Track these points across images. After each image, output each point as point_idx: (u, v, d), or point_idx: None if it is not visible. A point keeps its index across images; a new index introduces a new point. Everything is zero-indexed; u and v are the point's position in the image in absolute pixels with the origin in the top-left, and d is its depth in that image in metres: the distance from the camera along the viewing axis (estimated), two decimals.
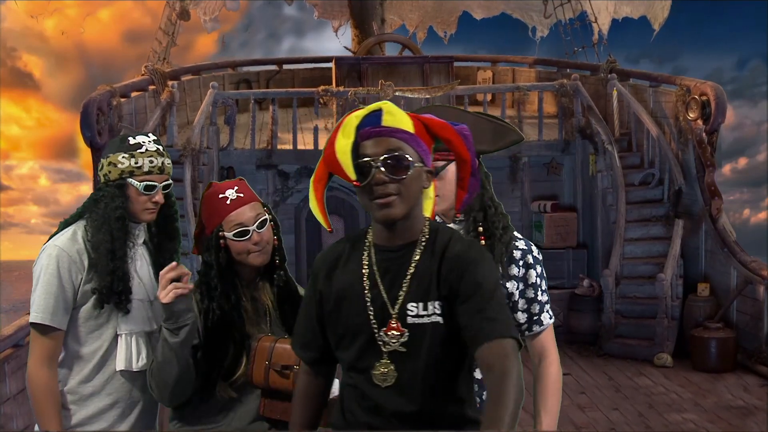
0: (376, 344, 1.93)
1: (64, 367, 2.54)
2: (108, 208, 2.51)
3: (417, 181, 1.92)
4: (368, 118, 1.95)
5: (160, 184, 2.56)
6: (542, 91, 10.90)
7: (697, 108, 9.22)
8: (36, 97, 30.72)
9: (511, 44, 27.81)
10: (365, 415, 1.97)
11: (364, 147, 1.92)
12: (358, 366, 1.96)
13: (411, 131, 1.93)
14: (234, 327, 2.41)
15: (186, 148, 9.11)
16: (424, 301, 1.91)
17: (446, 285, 1.90)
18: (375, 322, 1.93)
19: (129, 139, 2.55)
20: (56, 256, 2.49)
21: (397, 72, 11.37)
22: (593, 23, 13.28)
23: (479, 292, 1.87)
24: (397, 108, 1.97)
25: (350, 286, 1.97)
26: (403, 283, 1.93)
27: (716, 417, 6.52)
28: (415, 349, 1.91)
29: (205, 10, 14.31)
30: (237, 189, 2.45)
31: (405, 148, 1.90)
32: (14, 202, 38.05)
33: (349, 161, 1.93)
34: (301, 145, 10.40)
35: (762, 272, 8.04)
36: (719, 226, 8.86)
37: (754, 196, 24.34)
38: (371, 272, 1.96)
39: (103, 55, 24.20)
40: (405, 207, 1.90)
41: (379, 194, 1.89)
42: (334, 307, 2.00)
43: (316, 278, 2.05)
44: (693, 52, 26.09)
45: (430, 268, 1.92)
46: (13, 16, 17.90)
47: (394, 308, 1.92)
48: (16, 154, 39.00)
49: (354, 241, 2.04)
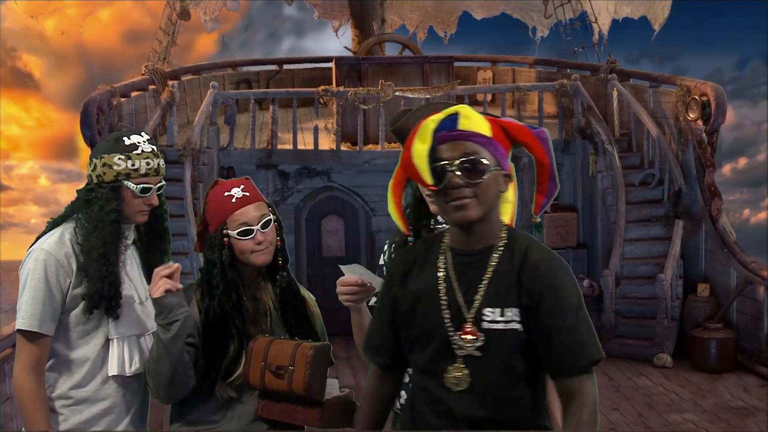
0: (451, 348, 1.91)
1: (54, 372, 2.47)
2: (103, 211, 2.44)
3: (493, 184, 1.92)
4: (445, 122, 1.94)
5: (155, 186, 2.50)
6: (542, 91, 10.90)
7: (697, 108, 9.22)
8: (36, 97, 30.83)
9: (511, 44, 27.84)
10: (435, 420, 1.95)
11: (440, 151, 1.92)
12: (431, 369, 1.95)
13: (488, 135, 1.93)
14: (234, 326, 2.40)
15: (186, 147, 9.10)
16: (501, 307, 1.90)
17: (527, 294, 1.89)
18: (450, 325, 1.92)
19: (124, 140, 2.47)
20: (44, 260, 2.41)
21: (397, 72, 11.35)
22: (593, 23, 13.27)
23: (563, 314, 1.88)
24: (475, 111, 1.97)
25: (426, 289, 1.96)
26: (479, 287, 1.91)
27: (716, 417, 6.52)
28: (491, 355, 1.89)
29: (205, 10, 14.31)
30: (243, 188, 2.44)
31: (481, 152, 1.90)
32: (14, 202, 38.22)
33: (426, 165, 1.92)
34: (301, 145, 10.39)
35: (762, 273, 8.04)
36: (719, 227, 8.86)
37: (754, 196, 24.44)
38: (447, 275, 1.95)
39: (103, 55, 24.25)
40: (480, 210, 1.90)
41: (455, 197, 1.89)
42: (408, 310, 1.99)
43: (392, 281, 2.05)
44: (693, 52, 26.16)
45: (509, 274, 1.91)
46: (13, 16, 17.90)
47: (470, 312, 1.91)
48: (16, 154, 39.15)
49: (430, 245, 2.04)
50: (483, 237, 1.95)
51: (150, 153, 2.49)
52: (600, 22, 13.32)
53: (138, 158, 2.46)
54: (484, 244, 1.95)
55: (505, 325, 1.89)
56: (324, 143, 10.36)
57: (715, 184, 9.01)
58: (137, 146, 2.47)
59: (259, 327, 2.44)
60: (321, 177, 10.32)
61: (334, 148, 10.23)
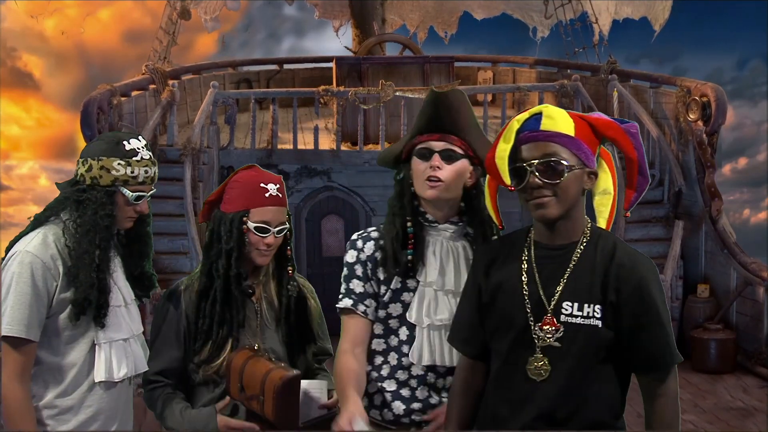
0: (531, 338, 1.97)
1: (38, 381, 2.36)
2: (97, 215, 2.35)
3: (574, 183, 1.95)
4: (528, 122, 1.98)
5: (148, 194, 2.44)
6: (543, 92, 10.91)
7: (697, 109, 9.21)
8: (36, 97, 30.69)
9: (511, 45, 27.77)
10: (508, 409, 2.02)
11: (521, 151, 1.96)
12: (510, 359, 2.01)
13: (570, 134, 1.95)
14: (227, 310, 2.41)
15: (186, 147, 9.10)
16: (581, 302, 1.95)
17: (614, 292, 1.93)
18: (531, 316, 1.98)
19: (124, 144, 2.40)
20: (29, 263, 2.30)
21: (397, 72, 11.35)
22: (594, 24, 13.27)
23: (652, 313, 1.95)
24: (559, 111, 2.00)
25: (508, 280, 2.03)
26: (561, 280, 1.97)
27: (715, 418, 6.51)
28: (569, 347, 1.94)
29: (205, 10, 14.31)
30: (278, 187, 2.43)
31: (561, 152, 1.93)
32: (14, 202, 37.60)
33: (505, 166, 1.97)
34: (302, 144, 10.39)
35: (762, 273, 8.04)
36: (719, 227, 8.86)
37: (754, 196, 24.38)
38: (530, 268, 2.01)
39: (103, 55, 24.21)
40: (561, 208, 1.95)
41: (535, 196, 1.94)
42: (490, 299, 2.05)
43: (476, 272, 2.12)
44: (693, 52, 26.10)
45: (591, 270, 1.96)
46: (13, 16, 17.85)
47: (550, 304, 1.96)
48: (16, 154, 38.66)
49: (515, 238, 2.10)
50: (566, 233, 2.00)
51: (148, 161, 2.42)
52: (600, 23, 13.33)
53: (137, 165, 2.39)
54: (567, 240, 2.00)
55: (584, 320, 1.94)
56: (324, 143, 10.36)
57: (716, 185, 9.00)
58: (137, 152, 2.40)
59: (248, 317, 2.44)
60: (321, 177, 10.32)
61: (335, 148, 10.23)
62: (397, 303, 2.28)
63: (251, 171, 2.46)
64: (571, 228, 2.00)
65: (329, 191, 10.47)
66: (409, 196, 2.28)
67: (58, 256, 2.34)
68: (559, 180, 1.92)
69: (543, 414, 1.96)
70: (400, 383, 2.28)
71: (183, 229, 8.23)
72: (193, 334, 2.41)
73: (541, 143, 1.94)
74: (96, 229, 2.35)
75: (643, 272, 1.95)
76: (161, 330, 2.46)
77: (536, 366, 1.96)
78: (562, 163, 1.93)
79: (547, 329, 1.95)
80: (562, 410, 1.96)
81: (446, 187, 2.21)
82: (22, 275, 2.30)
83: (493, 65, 14.67)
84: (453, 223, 2.29)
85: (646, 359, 1.97)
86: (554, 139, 1.94)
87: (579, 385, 1.95)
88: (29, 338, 2.30)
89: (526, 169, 1.94)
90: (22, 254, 2.32)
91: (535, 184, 1.93)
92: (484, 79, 14.29)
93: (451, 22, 16.52)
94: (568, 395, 1.95)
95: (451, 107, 2.21)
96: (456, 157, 2.22)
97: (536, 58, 14.19)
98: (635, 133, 2.04)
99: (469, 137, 2.24)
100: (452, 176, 2.21)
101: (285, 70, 14.53)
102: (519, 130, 1.98)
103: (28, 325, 2.29)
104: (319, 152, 10.21)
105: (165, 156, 9.37)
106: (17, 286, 2.29)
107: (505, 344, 2.02)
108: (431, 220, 2.28)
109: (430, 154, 2.22)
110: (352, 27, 14.78)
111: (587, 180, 1.99)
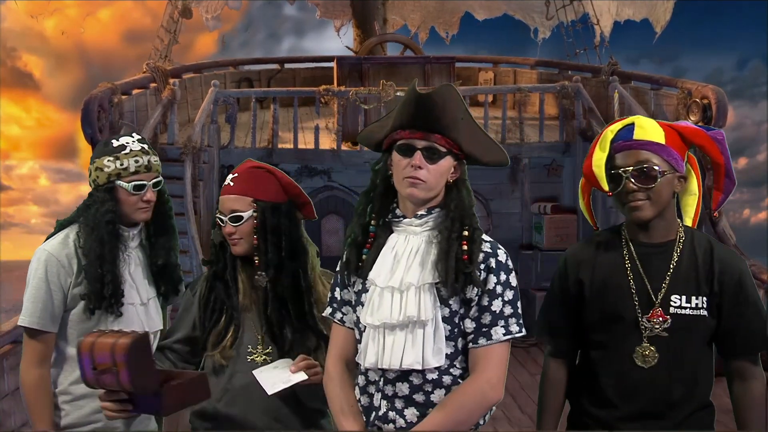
0: (639, 329, 2.17)
1: (56, 368, 2.56)
2: (98, 213, 2.51)
3: (666, 187, 2.18)
4: (621, 132, 2.22)
5: (149, 182, 2.55)
6: (543, 93, 10.88)
7: (698, 111, 9.21)
8: (36, 97, 30.59)
9: (512, 45, 27.82)
10: (622, 397, 2.19)
11: (617, 159, 2.19)
12: (616, 349, 2.20)
13: (661, 142, 2.17)
14: (226, 299, 2.48)
15: (186, 146, 9.10)
16: (688, 295, 2.16)
17: (718, 284, 2.16)
18: (639, 309, 2.17)
19: (112, 142, 2.56)
20: (45, 260, 2.51)
21: (398, 72, 11.34)
22: (595, 25, 13.26)
23: (750, 302, 2.18)
24: (650, 121, 2.22)
25: (612, 275, 2.22)
26: (666, 275, 2.18)
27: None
28: (677, 336, 2.16)
29: (207, 8, 14.30)
30: (234, 177, 2.49)
31: (654, 159, 2.16)
32: (14, 202, 37.92)
33: (603, 173, 2.18)
34: (302, 144, 10.38)
35: (761, 276, 8.02)
36: (719, 229, 8.85)
37: (754, 196, 24.38)
38: (633, 264, 2.21)
39: (103, 55, 24.18)
40: (654, 210, 2.17)
41: (630, 200, 2.16)
42: (596, 294, 2.23)
43: (577, 268, 2.28)
44: (693, 52, 26.15)
45: (694, 265, 2.18)
46: (13, 16, 17.85)
47: (657, 297, 2.17)
48: (16, 154, 38.86)
49: (609, 237, 2.30)
50: (663, 231, 2.22)
51: (139, 151, 2.54)
52: (602, 24, 13.31)
53: (126, 157, 2.52)
54: (665, 238, 2.22)
55: (692, 311, 2.16)
56: (325, 143, 10.35)
57: None
58: (125, 146, 2.53)
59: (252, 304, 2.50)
60: (321, 176, 10.32)
61: (335, 148, 10.23)
62: (360, 306, 2.16)
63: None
64: (666, 227, 2.22)
65: (329, 191, 10.46)
66: (381, 189, 2.15)
67: (73, 254, 2.52)
68: (652, 185, 2.14)
69: (658, 398, 2.16)
70: (360, 389, 2.17)
71: (183, 227, 8.23)
72: (202, 320, 2.51)
73: (635, 151, 2.16)
74: (99, 226, 2.50)
75: (741, 266, 2.20)
76: (178, 314, 2.60)
77: (644, 354, 2.16)
78: (654, 169, 2.14)
79: (656, 320, 2.16)
80: (676, 393, 2.16)
81: (428, 187, 2.08)
82: (38, 271, 2.51)
83: (494, 66, 14.65)
84: (419, 216, 2.12)
85: (745, 342, 2.18)
86: (647, 147, 2.16)
87: (689, 370, 2.16)
88: (41, 329, 2.50)
89: (621, 176, 2.16)
90: (39, 252, 2.53)
91: (631, 189, 2.15)
92: (485, 79, 14.28)
93: (453, 23, 16.50)
94: (679, 380, 2.15)
95: (434, 107, 2.05)
96: (440, 156, 2.08)
97: (537, 59, 14.17)
98: (721, 139, 2.24)
99: (454, 134, 2.08)
100: (435, 177, 2.08)
101: (286, 70, 14.51)
102: (613, 139, 2.20)
103: (40, 316, 2.49)
104: (320, 152, 10.20)
105: (165, 154, 9.36)
106: (33, 281, 2.51)
107: (610, 335, 2.20)
108: (399, 215, 2.14)
109: (412, 151, 2.07)
110: (354, 27, 14.77)
111: (677, 184, 2.21)
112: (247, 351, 2.46)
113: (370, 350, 2.10)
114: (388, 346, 2.06)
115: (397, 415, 2.09)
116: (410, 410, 2.08)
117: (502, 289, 2.07)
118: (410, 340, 2.04)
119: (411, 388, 2.08)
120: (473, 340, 2.07)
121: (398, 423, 2.09)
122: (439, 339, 2.05)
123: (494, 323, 2.06)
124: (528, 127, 10.57)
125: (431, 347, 2.04)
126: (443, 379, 2.08)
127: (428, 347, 2.03)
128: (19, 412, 4.85)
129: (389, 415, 2.10)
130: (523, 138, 10.32)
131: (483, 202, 10.52)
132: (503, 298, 2.07)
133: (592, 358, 2.27)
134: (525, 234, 10.53)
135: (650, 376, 2.16)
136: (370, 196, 2.18)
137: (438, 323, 2.05)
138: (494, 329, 2.06)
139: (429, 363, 2.04)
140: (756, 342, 2.20)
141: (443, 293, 2.06)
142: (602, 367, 2.23)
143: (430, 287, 2.06)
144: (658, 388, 2.17)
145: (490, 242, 2.12)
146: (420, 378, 2.07)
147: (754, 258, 8.46)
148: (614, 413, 2.20)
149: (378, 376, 2.12)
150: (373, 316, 2.09)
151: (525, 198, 10.51)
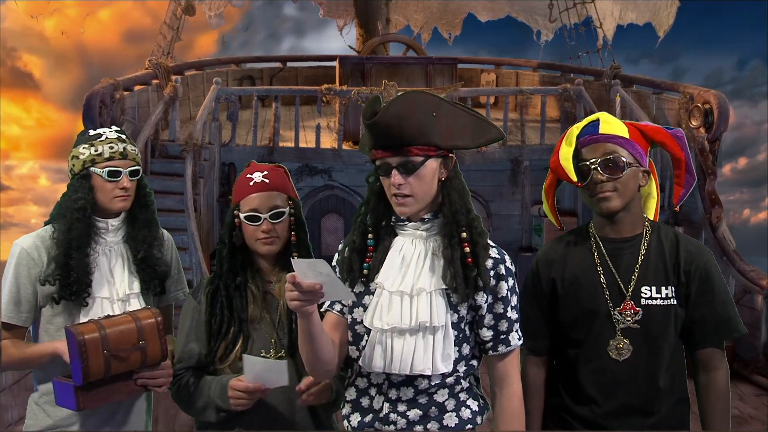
0: (612, 322, 2.21)
1: (38, 368, 2.47)
2: (70, 199, 2.46)
3: (632, 179, 2.22)
4: (587, 127, 2.27)
5: (125, 169, 2.48)
6: (545, 95, 10.89)
7: (699, 116, 9.21)
8: (36, 97, 30.65)
9: (515, 47, 27.82)
10: (598, 390, 2.22)
11: (583, 153, 2.24)
12: (594, 342, 2.23)
13: (626, 137, 2.23)
14: (235, 307, 2.37)
15: (188, 143, 9.09)
16: (658, 285, 2.21)
17: (684, 274, 2.20)
18: (610, 302, 2.22)
19: (89, 132, 2.52)
20: (16, 254, 2.46)
21: (400, 72, 11.34)
22: (598, 28, 13.26)
23: (717, 290, 2.21)
24: (614, 117, 2.28)
25: (584, 272, 2.26)
26: (635, 268, 2.22)
27: None
28: (648, 327, 2.19)
29: (210, 6, 14.31)
30: (265, 174, 2.41)
31: (620, 151, 2.21)
32: (14, 202, 38.05)
33: (571, 165, 2.23)
34: (303, 143, 10.39)
35: (761, 282, 8.04)
36: (719, 235, 8.86)
37: (754, 196, 24.40)
38: (603, 260, 2.26)
39: (103, 55, 24.17)
40: (622, 201, 2.21)
41: (598, 191, 2.20)
42: (569, 291, 2.27)
43: (548, 268, 2.32)
44: (693, 52, 26.17)
45: (662, 257, 2.22)
46: (13, 16, 17.84)
47: (628, 291, 2.21)
48: (16, 154, 39.02)
49: (577, 235, 2.36)
50: (630, 225, 2.26)
51: (114, 139, 2.50)
52: (605, 28, 13.31)
53: (101, 144, 2.49)
54: (632, 232, 2.26)
55: (663, 301, 2.20)
56: (326, 142, 10.36)
57: (716, 192, 9.01)
58: (101, 135, 2.51)
59: (263, 314, 2.39)
60: (322, 175, 10.33)
61: (336, 147, 10.23)
62: (359, 308, 2.13)
63: (246, 167, 2.48)
64: (632, 221, 2.26)
65: (330, 190, 10.47)
66: (374, 202, 2.14)
67: (45, 247, 2.45)
68: (620, 175, 2.18)
69: (636, 391, 2.19)
70: (360, 391, 2.14)
71: (183, 224, 8.22)
72: (208, 332, 2.39)
73: (602, 144, 2.21)
74: (68, 212, 2.45)
75: (707, 257, 2.23)
76: (182, 326, 2.45)
77: (618, 347, 2.19)
78: (622, 159, 2.19)
79: (627, 313, 2.20)
80: (653, 385, 2.19)
81: (416, 200, 2.05)
82: (9, 266, 2.46)
83: (496, 68, 14.66)
84: (424, 221, 2.10)
85: (713, 330, 2.21)
86: (612, 140, 2.21)
87: (664, 361, 2.19)
88: (12, 323, 2.44)
89: (589, 167, 2.20)
90: (13, 246, 2.48)
91: (599, 180, 2.19)
92: (487, 81, 14.29)
93: (455, 24, 16.51)
94: (655, 371, 2.19)
95: (391, 126, 1.97)
96: (417, 166, 2.02)
97: (539, 61, 14.19)
98: (681, 137, 2.30)
99: (425, 138, 2.00)
100: (420, 186, 2.03)
101: (288, 68, 14.52)
102: (579, 135, 2.25)
103: (10, 310, 2.43)
104: (321, 151, 10.21)
105: (166, 151, 9.37)
106: (5, 275, 2.46)
107: (588, 330, 2.23)
108: (403, 219, 2.12)
109: (389, 169, 2.03)
110: (356, 26, 14.77)
111: (642, 177, 2.25)
112: (260, 355, 2.36)
113: (376, 354, 2.06)
114: (397, 351, 2.04)
115: (399, 417, 2.09)
116: (413, 411, 2.08)
117: (511, 295, 2.11)
118: (421, 346, 2.03)
119: (416, 392, 2.08)
120: (492, 348, 2.11)
121: (399, 424, 2.08)
122: (448, 345, 2.05)
123: (510, 329, 2.12)
124: (529, 130, 10.57)
125: (441, 353, 2.03)
126: (447, 380, 2.09)
127: (438, 353, 2.03)
128: (17, 406, 4.85)
129: (390, 417, 2.09)
130: (524, 140, 10.32)
131: (483, 204, 10.54)
132: (512, 304, 2.11)
133: (569, 355, 2.29)
134: (525, 236, 10.55)
135: (626, 369, 2.19)
136: (365, 209, 2.19)
137: (448, 329, 2.05)
138: (511, 335, 2.12)
139: (438, 369, 2.03)
140: (723, 330, 2.23)
141: (453, 299, 2.05)
142: (580, 363, 2.25)
143: (442, 293, 2.05)
144: (635, 380, 2.19)
145: (495, 247, 2.12)
146: (426, 382, 2.07)
147: (753, 263, 8.46)
148: (596, 410, 2.22)
149: (382, 380, 2.10)
150: (381, 319, 2.06)
151: (525, 200, 10.52)
